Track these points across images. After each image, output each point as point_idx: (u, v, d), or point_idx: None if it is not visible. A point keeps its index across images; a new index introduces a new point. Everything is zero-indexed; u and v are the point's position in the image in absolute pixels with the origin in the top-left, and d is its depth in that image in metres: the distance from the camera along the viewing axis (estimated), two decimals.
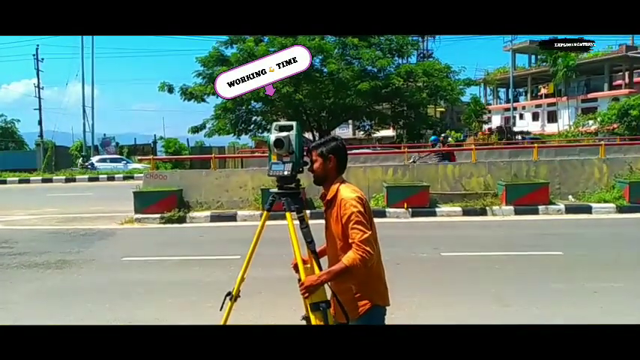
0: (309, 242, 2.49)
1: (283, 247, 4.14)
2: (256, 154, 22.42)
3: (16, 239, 9.21)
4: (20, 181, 24.20)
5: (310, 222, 2.59)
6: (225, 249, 8.03)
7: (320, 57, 22.15)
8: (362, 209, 2.41)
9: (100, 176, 25.48)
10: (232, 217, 10.94)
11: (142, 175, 15.67)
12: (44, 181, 24.49)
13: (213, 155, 13.79)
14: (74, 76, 36.37)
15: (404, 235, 8.69)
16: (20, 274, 6.78)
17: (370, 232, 2.37)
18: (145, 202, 11.08)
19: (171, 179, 11.96)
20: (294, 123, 2.67)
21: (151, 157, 22.54)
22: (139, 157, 30.23)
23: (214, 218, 10.92)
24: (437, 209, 10.94)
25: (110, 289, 5.99)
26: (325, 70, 22.09)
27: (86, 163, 29.85)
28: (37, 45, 40.39)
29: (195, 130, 24.64)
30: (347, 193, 2.47)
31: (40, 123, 39.52)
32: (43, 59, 40.38)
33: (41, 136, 36.82)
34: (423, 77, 22.74)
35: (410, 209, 10.67)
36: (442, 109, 39.29)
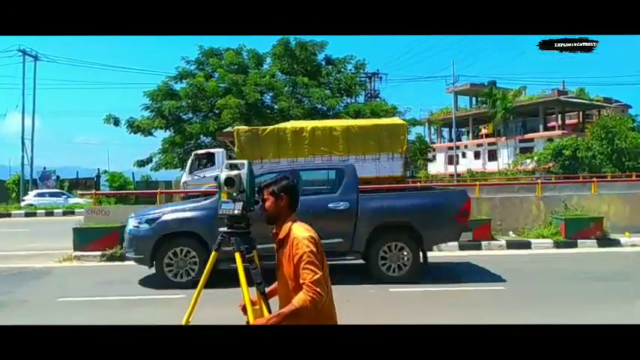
0: (259, 284, 2.46)
1: (233, 284, 4.06)
2: (204, 189, 22.07)
3: None
4: None
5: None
6: (170, 288, 7.73)
7: (271, 94, 22.41)
8: (314, 249, 2.41)
9: (38, 211, 24.18)
10: None
11: (83, 210, 15.02)
12: None
13: (159, 190, 13.45)
14: (14, 106, 34.86)
15: (355, 270, 8.70)
16: None
17: (321, 273, 2.37)
18: (85, 238, 10.58)
19: (115, 215, 11.51)
20: (245, 161, 2.68)
21: (93, 191, 21.66)
22: (81, 192, 28.97)
23: None
24: None
25: None
26: (276, 107, 22.34)
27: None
28: None
29: (142, 163, 24.04)
30: (300, 232, 2.47)
31: None
32: None
33: None
34: (371, 117, 23.40)
35: None
36: None
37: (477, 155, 49.67)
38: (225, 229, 2.63)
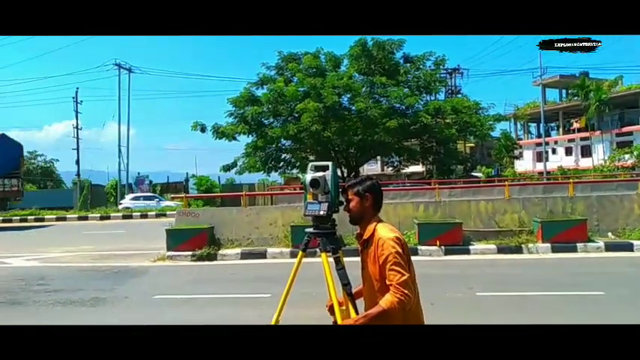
0: (346, 284, 2.45)
1: (315, 285, 4.09)
2: (286, 191, 22.60)
3: (52, 276, 9.40)
4: (57, 219, 24.90)
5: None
6: (256, 287, 7.99)
7: (348, 95, 22.45)
8: (400, 250, 2.36)
9: (134, 214, 26.03)
10: (262, 255, 10.93)
11: (174, 212, 15.94)
12: (80, 218, 25.16)
13: (243, 193, 13.92)
14: (111, 117, 37.96)
15: (437, 273, 8.49)
16: (55, 312, 6.88)
17: (409, 275, 2.32)
18: (177, 239, 11.21)
19: (203, 217, 12.11)
20: (329, 163, 2.68)
21: (183, 194, 22.94)
22: (172, 195, 30.81)
23: (245, 255, 10.94)
24: (470, 247, 10.69)
25: None
26: (353, 108, 22.32)
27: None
28: (77, 88, 42.34)
29: (227, 168, 25.03)
30: (384, 232, 2.43)
31: (77, 162, 40.87)
32: (82, 101, 42.15)
33: (78, 175, 38.03)
34: (452, 114, 22.70)
35: (442, 247, 10.46)
36: (472, 145, 38.97)
37: (568, 151, 46.48)
38: (311, 229, 2.66)
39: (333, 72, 22.96)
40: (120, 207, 29.57)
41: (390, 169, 29.19)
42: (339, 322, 2.42)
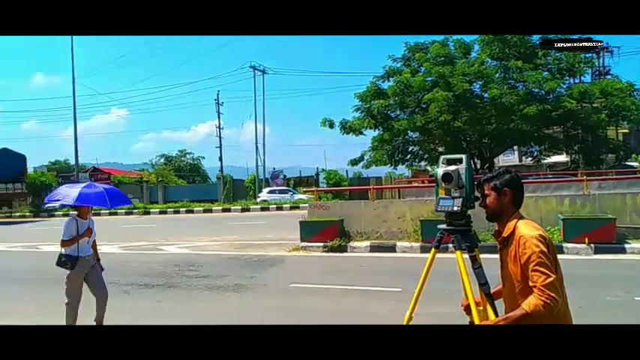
0: (483, 284, 2.34)
1: (448, 282, 3.96)
2: (414, 185, 22.25)
3: (201, 263, 10.40)
4: (204, 211, 27.49)
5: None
6: (386, 281, 8.00)
7: (480, 82, 21.33)
8: (544, 249, 2.18)
9: (270, 206, 27.69)
10: (391, 248, 10.91)
11: (306, 205, 16.62)
12: (224, 210, 27.48)
13: (371, 186, 14.02)
14: (249, 116, 40.76)
15: (585, 274, 7.70)
16: (204, 296, 7.60)
17: (555, 276, 2.14)
18: (309, 231, 11.68)
19: (333, 210, 12.44)
20: (463, 156, 2.58)
21: (314, 188, 23.83)
22: (304, 189, 32.16)
23: (374, 248, 11.02)
24: (626, 245, 9.52)
25: (280, 315, 6.35)
26: (486, 95, 21.16)
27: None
28: (219, 90, 46.13)
29: (354, 162, 25.38)
30: (527, 230, 2.26)
31: (220, 159, 44.59)
32: (223, 103, 45.79)
33: (221, 170, 41.49)
34: (601, 97, 20.36)
35: (592, 245, 9.47)
36: (625, 131, 34.55)
37: None
38: (444, 226, 2.57)
39: (463, 59, 21.97)
40: (258, 200, 31.62)
41: (530, 159, 27.13)
42: (477, 322, 2.31)
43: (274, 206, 27.71)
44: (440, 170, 2.57)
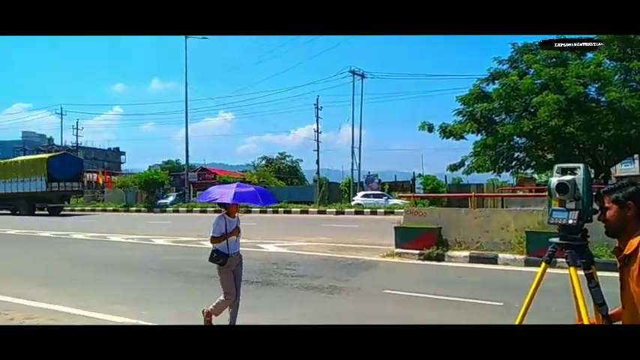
0: (600, 305, 2.15)
1: (555, 299, 3.70)
2: (519, 193, 21.04)
3: (297, 263, 10.68)
4: (301, 212, 28.23)
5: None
6: (486, 293, 7.64)
7: (596, 85, 19.64)
8: None
9: (364, 210, 27.72)
10: (493, 260, 10.40)
11: (401, 210, 16.42)
12: (319, 212, 28.06)
13: (472, 193, 13.47)
14: (346, 120, 41.25)
15: None
16: (300, 295, 7.79)
17: None
18: (405, 237, 11.51)
19: (430, 216, 12.14)
20: (580, 165, 2.39)
21: (410, 193, 23.45)
22: (399, 194, 31.78)
23: (473, 259, 10.58)
24: None
25: (373, 321, 6.31)
26: (603, 99, 19.42)
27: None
28: (318, 96, 47.22)
29: (454, 167, 24.56)
30: None
31: (317, 162, 45.60)
32: (321, 107, 46.77)
33: (318, 173, 42.39)
34: None
35: None
36: None
37: None
38: (557, 240, 2.40)
39: (577, 60, 20.37)
40: (352, 203, 31.82)
41: None
42: None
43: (368, 210, 27.70)
44: (554, 180, 2.40)
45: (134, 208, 36.22)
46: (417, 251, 11.03)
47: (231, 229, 5.55)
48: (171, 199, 39.91)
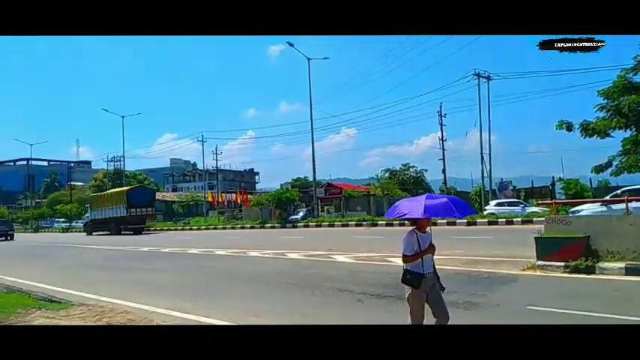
0: None
1: None
2: None
3: None
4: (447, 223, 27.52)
5: None
6: None
7: None
8: None
9: (499, 220, 26.20)
10: None
11: (541, 219, 15.24)
12: (448, 224, 27.08)
13: (625, 197, 12.03)
14: (473, 125, 39.53)
15: None
16: None
17: None
18: (547, 248, 10.64)
19: (576, 224, 11.08)
20: None
21: (550, 200, 21.68)
22: (538, 201, 29.52)
23: (631, 271, 9.41)
24: None
25: None
26: None
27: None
28: (441, 103, 45.95)
29: (600, 169, 22.26)
30: None
31: (443, 171, 44.27)
32: (445, 114, 45.43)
33: (445, 182, 41.12)
34: None
35: None
36: None
37: None
38: None
39: None
40: (484, 213, 30.28)
41: None
42: None
43: (503, 220, 26.12)
44: None
45: (269, 225, 38.57)
46: (562, 263, 10.12)
47: (425, 245, 4.98)
48: (301, 214, 41.76)
